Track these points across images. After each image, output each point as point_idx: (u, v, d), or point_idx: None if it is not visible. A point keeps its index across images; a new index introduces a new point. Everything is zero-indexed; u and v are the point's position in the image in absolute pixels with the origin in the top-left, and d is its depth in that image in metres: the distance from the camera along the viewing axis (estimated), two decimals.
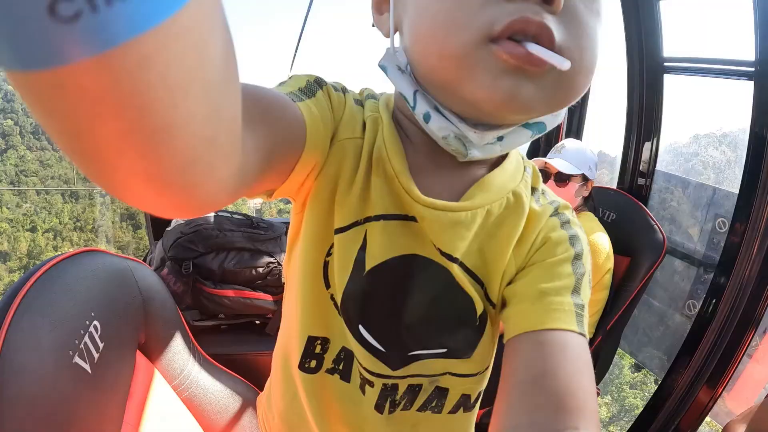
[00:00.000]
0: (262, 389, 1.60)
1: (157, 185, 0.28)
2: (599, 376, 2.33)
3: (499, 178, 0.60)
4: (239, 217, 1.96)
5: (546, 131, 0.58)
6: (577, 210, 2.22)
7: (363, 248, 0.60)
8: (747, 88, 2.09)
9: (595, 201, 2.29)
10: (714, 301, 2.12)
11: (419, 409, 0.70)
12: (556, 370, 0.50)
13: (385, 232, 0.59)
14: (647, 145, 2.66)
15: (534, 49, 0.44)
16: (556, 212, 0.62)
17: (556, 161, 2.13)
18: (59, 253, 1.09)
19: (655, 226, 2.24)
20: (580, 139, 2.83)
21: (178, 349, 1.39)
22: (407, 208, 0.58)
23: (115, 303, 1.08)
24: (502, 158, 0.62)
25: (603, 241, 2.11)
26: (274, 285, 1.90)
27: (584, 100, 2.85)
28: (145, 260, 1.93)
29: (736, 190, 2.15)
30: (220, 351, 1.64)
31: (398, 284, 0.61)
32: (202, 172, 0.30)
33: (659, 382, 2.33)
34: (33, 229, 24.85)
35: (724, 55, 2.30)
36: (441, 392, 0.69)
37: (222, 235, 1.84)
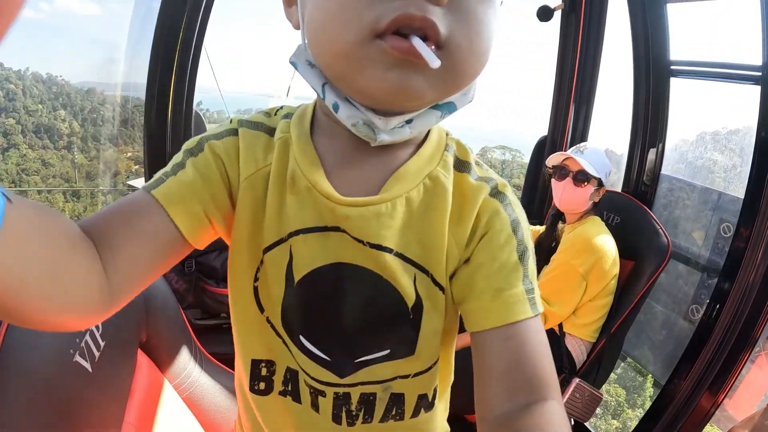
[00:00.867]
0: None
1: (37, 324, 0.45)
2: (602, 379, 2.32)
3: (415, 165, 0.61)
4: None
5: (457, 110, 0.60)
6: (586, 214, 2.21)
7: (290, 263, 0.62)
8: (754, 92, 2.08)
9: (600, 205, 2.28)
10: (717, 306, 2.11)
11: (381, 420, 0.71)
12: (524, 358, 0.56)
13: (307, 245, 0.61)
14: (652, 149, 2.65)
15: (416, 42, 0.47)
16: (496, 192, 0.63)
17: (580, 159, 2.13)
18: None
19: (660, 230, 2.23)
20: (586, 139, 2.84)
21: (179, 348, 1.38)
22: (329, 215, 0.60)
23: None
24: (423, 141, 0.64)
25: (610, 246, 2.10)
26: None
27: (589, 100, 2.85)
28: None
29: (742, 195, 2.14)
30: (222, 350, 1.62)
31: (329, 293, 0.63)
32: (60, 311, 0.44)
33: (661, 387, 2.32)
34: None
35: (732, 59, 2.30)
36: (397, 398, 0.70)
37: None
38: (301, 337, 0.66)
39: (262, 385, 0.71)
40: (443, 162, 0.63)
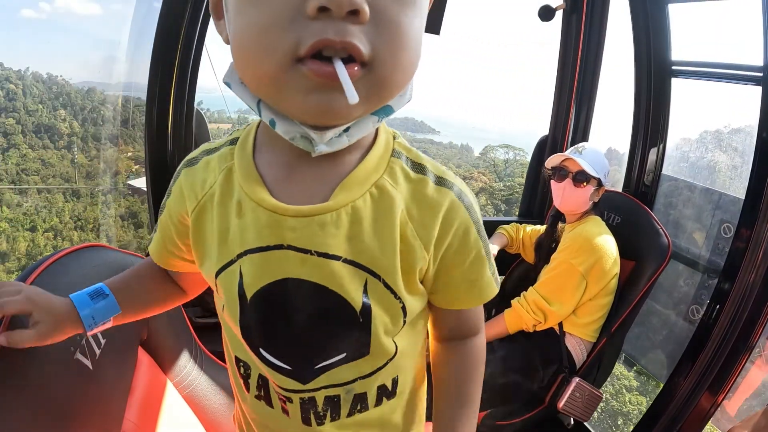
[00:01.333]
0: None
1: None
2: (602, 378, 2.32)
3: (362, 173, 0.63)
4: None
5: (394, 111, 0.61)
6: (586, 214, 2.22)
7: (241, 282, 0.66)
8: (755, 93, 2.08)
9: (600, 205, 2.28)
10: (718, 306, 2.11)
11: (349, 415, 0.76)
12: (468, 315, 0.78)
13: (253, 265, 0.65)
14: (653, 149, 2.66)
15: (339, 71, 0.48)
16: (460, 195, 0.67)
17: (579, 160, 2.13)
18: (59, 249, 1.08)
19: (660, 230, 2.23)
20: (587, 139, 2.84)
21: (180, 345, 1.38)
22: (271, 234, 0.63)
23: None
24: (372, 144, 0.66)
25: (611, 245, 2.11)
26: None
27: (590, 100, 2.85)
28: (147, 256, 1.92)
29: (742, 195, 2.14)
30: (222, 348, 1.63)
31: (280, 307, 0.66)
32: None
33: (661, 387, 2.32)
34: (33, 229, 24.85)
35: (733, 59, 2.30)
36: (360, 397, 0.75)
37: None
38: (262, 350, 0.70)
39: (243, 385, 0.79)
40: (390, 169, 0.65)
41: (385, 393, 0.77)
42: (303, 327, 0.67)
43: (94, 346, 0.98)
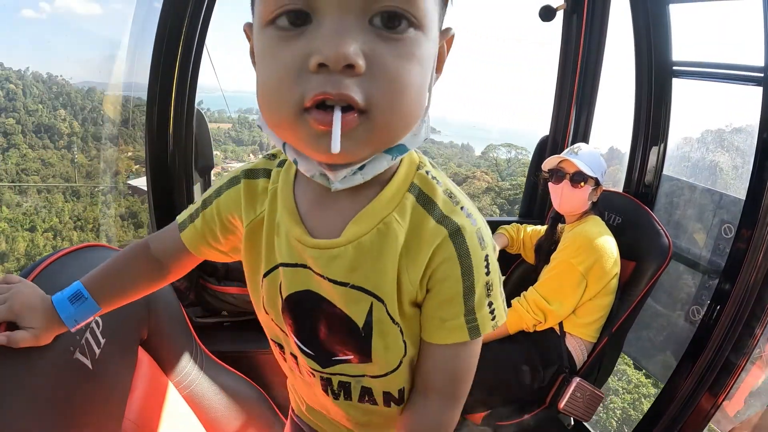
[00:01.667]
0: (263, 386, 1.60)
1: None
2: (603, 379, 2.32)
3: (373, 209, 0.70)
4: None
5: (408, 150, 0.67)
6: (585, 214, 2.22)
7: (280, 285, 0.79)
8: (756, 93, 2.08)
9: (601, 205, 2.28)
10: (718, 307, 2.11)
11: (359, 401, 0.88)
12: (438, 368, 0.77)
13: (287, 275, 0.77)
14: (654, 149, 2.65)
15: (335, 120, 0.54)
16: (454, 234, 0.70)
17: (576, 161, 2.13)
18: (59, 249, 1.08)
19: (661, 230, 2.23)
20: (588, 140, 2.84)
21: (180, 345, 1.38)
22: (300, 255, 0.74)
23: None
24: (390, 180, 0.71)
25: (611, 245, 2.11)
26: None
27: (591, 100, 2.85)
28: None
29: (743, 196, 2.14)
30: (223, 348, 1.63)
31: (306, 310, 0.78)
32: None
33: (661, 388, 2.32)
34: (32, 229, 24.85)
35: (734, 60, 2.29)
36: (367, 390, 0.86)
37: None
38: (294, 337, 0.82)
39: (281, 357, 0.93)
40: (401, 206, 0.71)
41: (392, 399, 0.86)
42: (320, 329, 0.78)
43: (93, 346, 0.98)
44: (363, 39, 0.54)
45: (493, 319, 0.74)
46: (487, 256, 0.72)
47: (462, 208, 0.72)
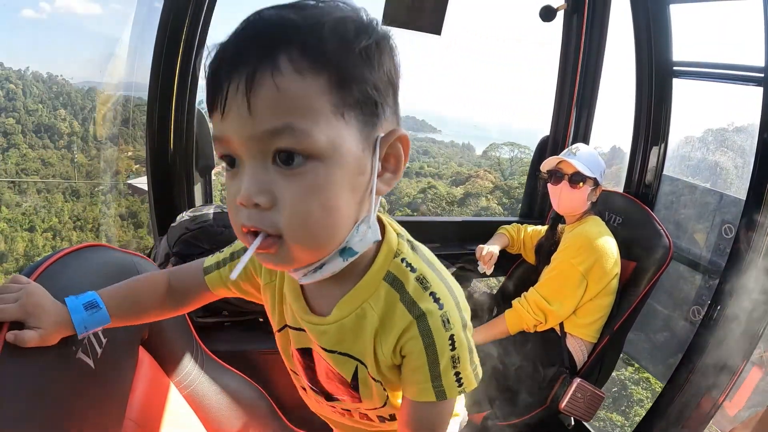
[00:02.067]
0: (263, 386, 1.60)
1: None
2: (603, 379, 2.32)
3: (353, 297, 0.81)
4: None
5: (359, 252, 0.75)
6: (585, 214, 2.22)
7: (289, 341, 0.95)
8: (756, 93, 2.08)
9: (601, 205, 2.29)
10: (719, 307, 2.11)
11: (360, 419, 1.02)
12: (411, 422, 0.86)
13: (293, 334, 0.93)
14: (654, 149, 2.65)
15: (252, 245, 0.66)
16: (419, 317, 0.79)
17: (574, 161, 2.13)
18: (60, 249, 1.08)
19: (662, 230, 2.23)
20: (587, 142, 2.84)
21: (181, 345, 1.38)
22: (300, 323, 0.89)
23: None
24: (368, 267, 0.81)
25: (611, 245, 2.11)
26: None
27: (592, 101, 2.85)
28: (149, 256, 1.92)
29: (743, 196, 2.14)
30: (223, 348, 1.63)
31: (309, 363, 0.95)
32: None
33: (662, 388, 2.32)
34: (31, 229, 24.82)
35: (734, 60, 2.30)
36: (364, 414, 1.00)
37: (227, 232, 1.83)
38: (304, 379, 0.99)
39: (295, 377, 1.06)
40: (376, 295, 0.81)
41: (386, 419, 1.00)
42: (321, 376, 0.95)
43: (95, 345, 0.98)
44: (268, 179, 0.64)
45: (460, 386, 0.83)
46: (452, 335, 0.80)
47: (431, 293, 0.80)
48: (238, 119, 0.62)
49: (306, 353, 0.93)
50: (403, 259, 0.82)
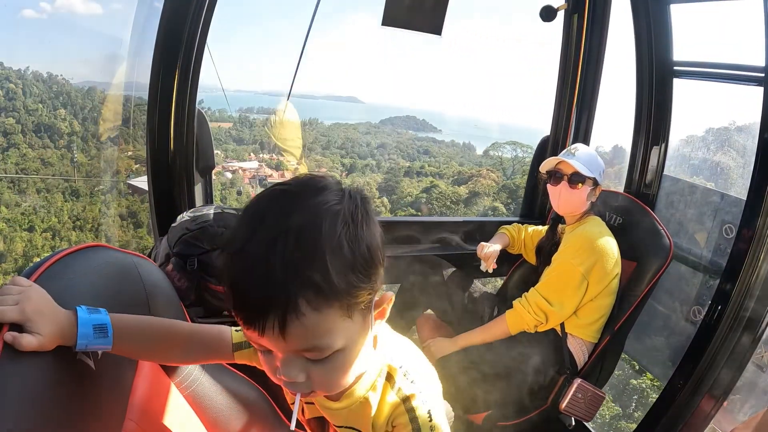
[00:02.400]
0: (264, 387, 1.60)
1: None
2: (604, 379, 2.32)
3: (357, 388, 0.99)
4: None
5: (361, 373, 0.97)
6: (586, 215, 2.22)
7: (303, 410, 1.15)
8: (757, 93, 2.08)
9: (602, 205, 2.29)
10: (720, 307, 2.11)
11: None
12: None
13: (308, 407, 1.14)
14: (655, 149, 2.65)
15: (296, 403, 0.91)
16: (405, 402, 1.01)
17: (573, 162, 2.13)
18: (61, 249, 1.08)
19: (662, 230, 2.23)
20: (588, 142, 2.84)
21: None
22: (315, 402, 1.09)
23: (119, 298, 1.07)
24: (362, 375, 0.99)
25: (612, 245, 2.11)
26: None
27: (592, 100, 2.85)
28: (149, 256, 1.92)
29: (744, 196, 2.14)
30: None
31: (322, 427, 1.16)
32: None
33: (663, 388, 2.32)
34: (31, 229, 24.77)
35: (735, 60, 2.30)
36: None
37: (227, 233, 1.83)
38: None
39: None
40: (374, 386, 1.01)
41: None
42: None
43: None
44: (300, 364, 0.82)
45: None
46: (429, 410, 1.00)
47: (412, 382, 1.02)
48: (274, 342, 0.77)
49: (319, 421, 1.14)
50: (390, 366, 1.03)
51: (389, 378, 1.03)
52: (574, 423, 2.19)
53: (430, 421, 1.01)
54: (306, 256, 0.74)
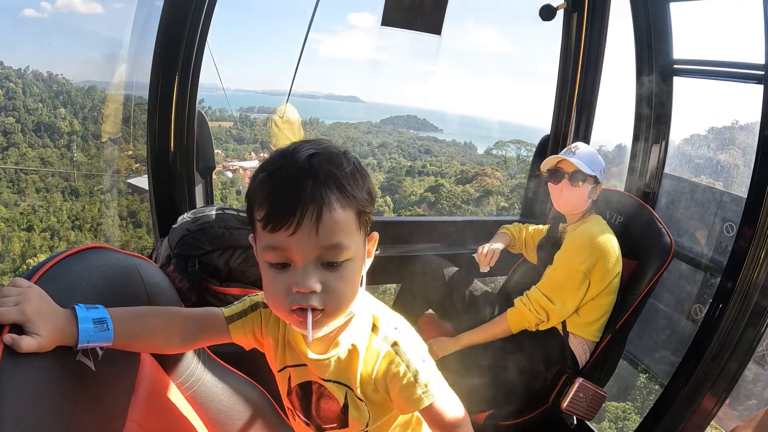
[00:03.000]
0: (265, 387, 1.60)
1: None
2: (605, 378, 2.32)
3: (345, 336, 1.08)
4: (245, 214, 1.95)
5: (352, 313, 1.06)
6: (587, 213, 2.22)
7: (289, 379, 1.18)
8: (757, 91, 2.08)
9: (602, 204, 2.29)
10: (721, 305, 2.10)
11: None
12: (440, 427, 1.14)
13: (295, 371, 1.17)
14: (655, 148, 2.65)
15: (308, 318, 0.93)
16: (393, 345, 1.09)
17: (574, 160, 2.13)
18: (61, 250, 1.08)
19: (663, 229, 2.23)
20: (588, 141, 2.84)
21: None
22: (303, 359, 1.12)
23: (120, 300, 1.07)
24: (350, 320, 1.09)
25: (613, 244, 2.11)
26: None
27: (592, 99, 2.85)
28: (150, 257, 1.92)
29: (745, 194, 2.13)
30: (225, 349, 1.62)
31: (307, 394, 1.18)
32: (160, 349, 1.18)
33: (664, 386, 2.31)
34: (29, 228, 24.74)
35: (735, 58, 2.30)
36: None
37: (228, 233, 1.83)
38: (296, 411, 1.22)
39: (291, 416, 1.28)
40: (363, 333, 1.10)
41: None
42: (315, 406, 1.17)
43: (96, 348, 0.98)
44: (318, 273, 0.92)
45: (435, 389, 1.10)
46: (419, 352, 1.11)
47: (396, 328, 1.12)
48: (307, 238, 0.88)
49: (306, 386, 1.17)
50: (374, 315, 1.13)
51: (374, 327, 1.12)
52: (575, 422, 2.19)
53: (423, 362, 1.10)
54: (334, 169, 0.91)
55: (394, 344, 1.10)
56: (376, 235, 1.06)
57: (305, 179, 0.89)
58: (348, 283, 0.97)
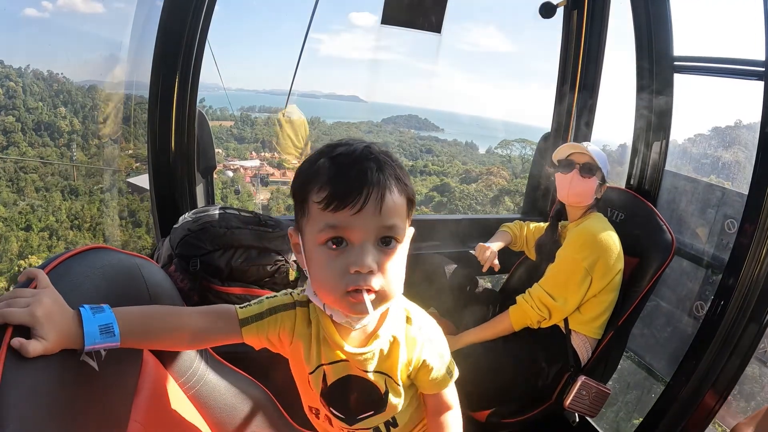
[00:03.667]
0: (268, 387, 1.60)
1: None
2: (608, 375, 2.32)
3: (385, 329, 1.14)
4: (246, 214, 1.95)
5: (392, 301, 1.07)
6: (588, 211, 2.23)
7: (324, 378, 1.18)
8: (758, 88, 2.08)
9: (603, 201, 2.29)
10: (722, 302, 2.11)
11: None
12: (440, 401, 1.27)
13: (331, 369, 1.17)
14: (656, 145, 2.65)
15: (366, 299, 0.97)
16: (427, 339, 1.20)
17: (589, 148, 2.18)
18: (62, 251, 1.07)
19: (664, 226, 2.23)
20: (589, 138, 2.84)
21: None
22: (341, 355, 1.14)
23: (122, 300, 1.06)
24: (388, 313, 1.16)
25: (615, 241, 2.11)
26: (282, 283, 1.89)
27: (593, 97, 2.85)
28: (152, 257, 1.92)
29: (746, 191, 2.13)
30: (228, 349, 1.62)
31: (344, 389, 1.18)
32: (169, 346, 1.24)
33: (666, 384, 2.32)
34: (28, 228, 24.72)
35: (735, 54, 2.29)
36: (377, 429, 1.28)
37: (230, 233, 1.83)
38: (330, 408, 1.22)
39: (313, 416, 1.32)
40: (401, 325, 1.17)
41: (391, 425, 1.28)
42: (353, 399, 1.19)
43: (101, 349, 0.98)
44: (375, 254, 0.98)
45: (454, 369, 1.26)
46: (446, 343, 1.25)
47: (424, 318, 1.23)
48: (371, 216, 0.95)
49: (345, 381, 1.18)
50: (405, 308, 1.21)
51: (407, 319, 1.20)
52: (578, 419, 2.19)
53: (446, 346, 1.24)
54: (390, 159, 1.01)
55: (427, 333, 1.21)
56: (412, 230, 1.10)
57: (369, 162, 0.97)
58: (398, 267, 1.03)
